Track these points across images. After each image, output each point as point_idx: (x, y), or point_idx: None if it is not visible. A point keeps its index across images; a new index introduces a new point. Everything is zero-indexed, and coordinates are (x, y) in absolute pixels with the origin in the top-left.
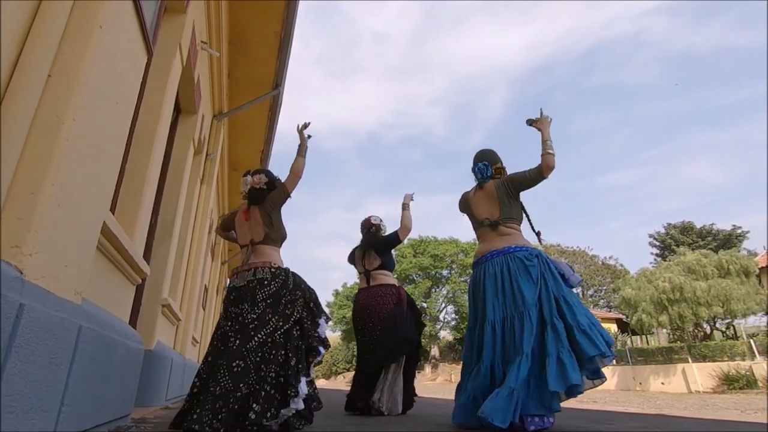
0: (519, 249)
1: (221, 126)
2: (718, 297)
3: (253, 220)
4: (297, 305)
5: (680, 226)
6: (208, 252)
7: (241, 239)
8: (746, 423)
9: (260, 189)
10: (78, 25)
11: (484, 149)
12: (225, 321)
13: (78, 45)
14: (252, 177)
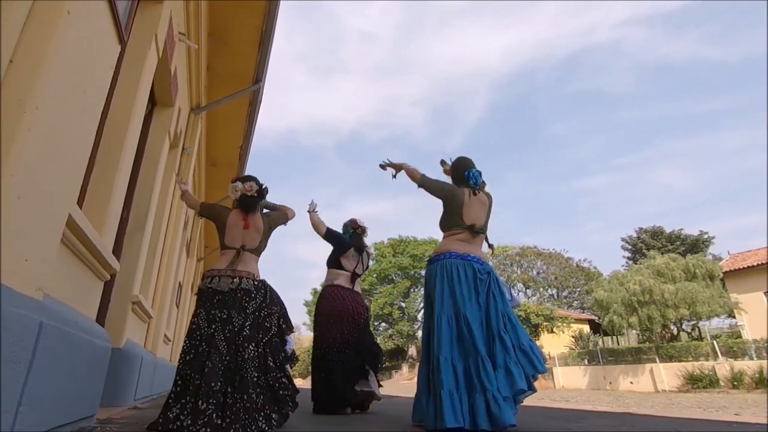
0: (484, 264)
1: (199, 120)
2: (684, 300)
3: (252, 228)
4: (273, 319)
5: (651, 230)
6: (183, 248)
7: (229, 240)
8: (747, 423)
9: (252, 197)
10: (43, 9)
11: (470, 159)
12: (208, 323)
13: (43, 30)
14: (243, 184)
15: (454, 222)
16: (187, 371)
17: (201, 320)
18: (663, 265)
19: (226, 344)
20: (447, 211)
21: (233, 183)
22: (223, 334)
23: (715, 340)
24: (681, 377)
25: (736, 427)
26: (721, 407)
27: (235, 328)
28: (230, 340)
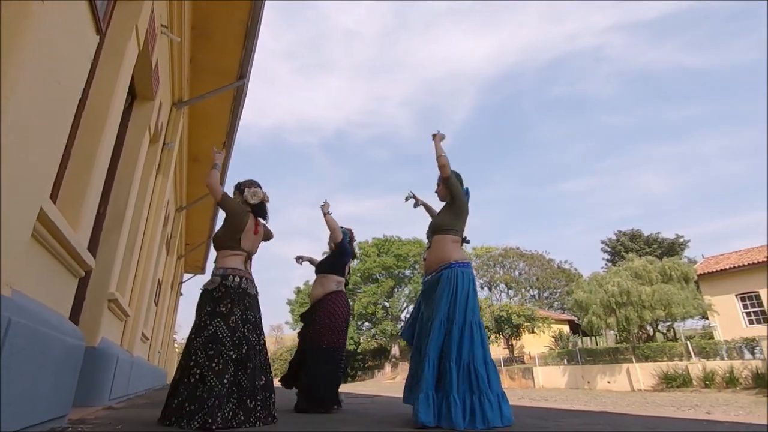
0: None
1: (181, 115)
2: (660, 301)
3: (260, 235)
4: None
5: (630, 233)
6: (163, 245)
7: (244, 243)
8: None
9: (265, 205)
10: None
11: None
12: (242, 323)
13: (14, 18)
14: (263, 192)
15: (462, 232)
16: (214, 367)
17: (234, 319)
18: (640, 268)
19: (256, 343)
20: (462, 221)
21: (253, 188)
22: (254, 336)
23: (688, 340)
24: (656, 377)
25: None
26: (694, 406)
27: (258, 332)
28: (258, 342)
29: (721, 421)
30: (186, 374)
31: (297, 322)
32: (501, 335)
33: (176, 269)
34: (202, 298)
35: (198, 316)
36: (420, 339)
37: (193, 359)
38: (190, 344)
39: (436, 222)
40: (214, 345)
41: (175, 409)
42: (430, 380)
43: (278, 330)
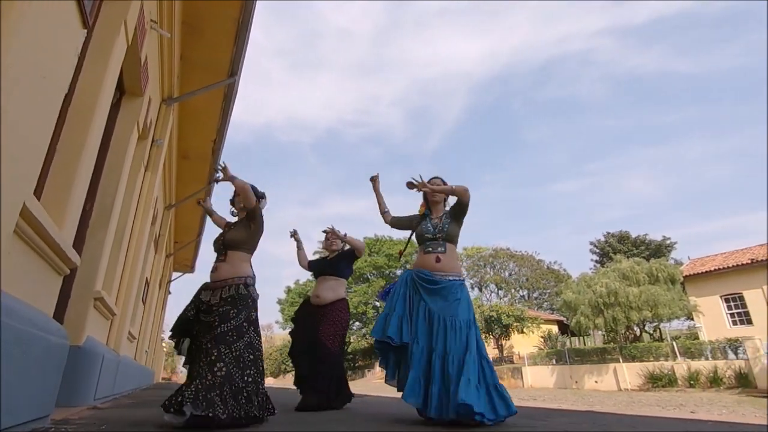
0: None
1: (170, 111)
2: (647, 302)
3: None
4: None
5: (618, 235)
6: (151, 243)
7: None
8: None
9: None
10: None
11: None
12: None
13: None
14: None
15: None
16: (252, 374)
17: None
18: (628, 269)
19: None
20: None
21: (264, 199)
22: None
23: (674, 341)
24: (642, 376)
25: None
26: (679, 405)
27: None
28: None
29: (704, 420)
30: (211, 369)
31: (287, 321)
32: (491, 335)
33: (165, 268)
34: (249, 304)
35: (248, 318)
36: (427, 337)
37: (225, 359)
38: (227, 342)
39: (451, 232)
40: (253, 352)
41: (189, 394)
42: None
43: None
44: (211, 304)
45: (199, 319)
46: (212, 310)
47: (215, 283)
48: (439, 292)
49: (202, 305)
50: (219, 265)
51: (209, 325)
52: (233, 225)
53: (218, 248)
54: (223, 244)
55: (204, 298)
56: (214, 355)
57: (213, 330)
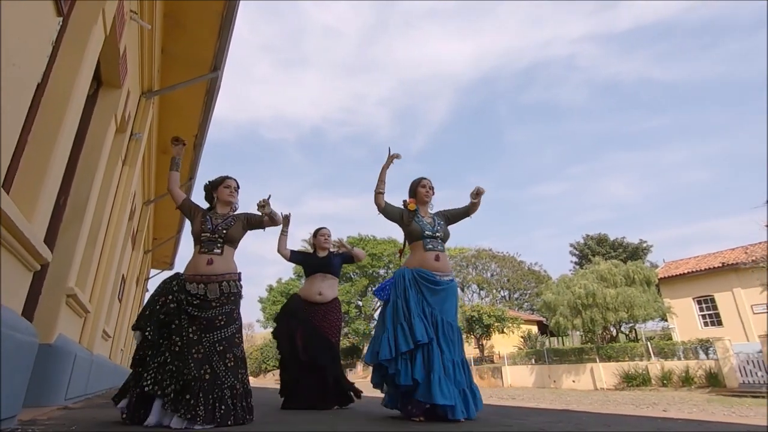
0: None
1: (150, 105)
2: (624, 303)
3: None
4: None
5: (597, 237)
6: (129, 239)
7: None
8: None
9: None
10: None
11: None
12: None
13: None
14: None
15: None
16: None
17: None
18: (606, 271)
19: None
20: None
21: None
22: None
23: (649, 341)
24: (618, 376)
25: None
26: (652, 404)
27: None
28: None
29: (674, 418)
30: (235, 375)
31: (268, 320)
32: (472, 335)
33: (142, 265)
34: (239, 301)
35: (239, 317)
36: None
37: (238, 363)
38: (236, 344)
39: (447, 233)
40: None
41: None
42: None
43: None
44: (209, 299)
45: (186, 311)
46: (210, 306)
47: (210, 277)
48: (440, 293)
49: (192, 299)
50: (215, 258)
51: (211, 323)
52: (229, 220)
53: (213, 240)
54: (223, 238)
55: (193, 290)
56: (233, 361)
57: (220, 331)
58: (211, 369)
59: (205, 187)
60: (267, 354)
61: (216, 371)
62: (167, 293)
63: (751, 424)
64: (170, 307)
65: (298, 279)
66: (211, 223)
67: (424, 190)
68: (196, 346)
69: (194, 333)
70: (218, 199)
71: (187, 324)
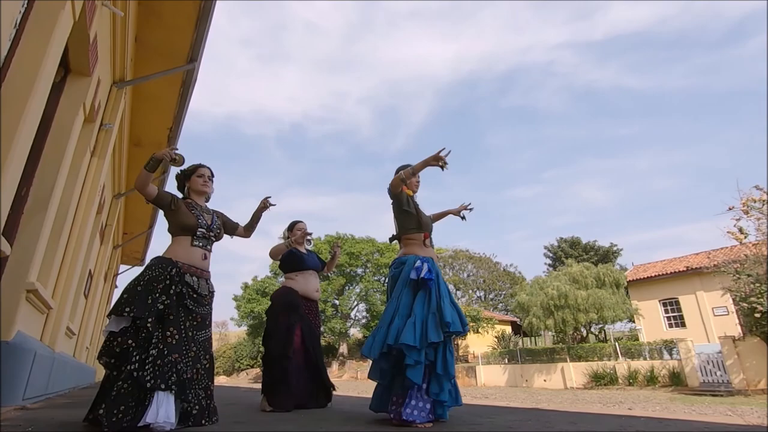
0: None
1: (122, 95)
2: (594, 305)
3: None
4: None
5: (570, 240)
6: (97, 234)
7: None
8: (747, 425)
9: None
10: None
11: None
12: None
13: None
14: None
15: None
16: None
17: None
18: (578, 273)
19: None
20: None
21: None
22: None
23: (617, 342)
24: (587, 375)
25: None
26: (618, 402)
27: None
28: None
29: (638, 416)
30: (209, 377)
31: (244, 318)
32: None
33: (111, 260)
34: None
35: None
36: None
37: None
38: (209, 348)
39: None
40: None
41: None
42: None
43: (223, 326)
44: (202, 294)
45: (185, 304)
46: (203, 303)
47: (204, 272)
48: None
49: (191, 291)
50: (207, 254)
51: (203, 321)
52: (217, 221)
53: (207, 237)
54: (216, 238)
55: (192, 283)
56: (209, 362)
57: (206, 330)
58: (196, 369)
59: (177, 176)
60: (240, 353)
61: (200, 371)
62: (165, 279)
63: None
64: (170, 296)
65: (274, 277)
66: (204, 219)
67: (415, 179)
68: (191, 343)
69: (190, 329)
70: (191, 188)
71: (183, 317)
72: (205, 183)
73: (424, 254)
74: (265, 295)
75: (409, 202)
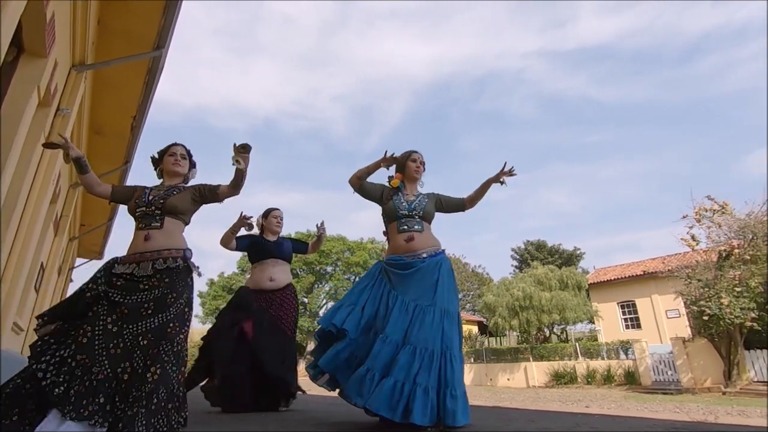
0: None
1: (82, 79)
2: (557, 306)
3: None
4: None
5: (536, 243)
6: (50, 225)
7: None
8: (747, 426)
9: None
10: None
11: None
12: None
13: None
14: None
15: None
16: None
17: None
18: (543, 275)
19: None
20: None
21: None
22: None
23: (577, 342)
24: (548, 374)
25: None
26: (576, 400)
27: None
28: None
29: (593, 414)
30: (144, 374)
31: (208, 315)
32: None
33: (67, 253)
34: (189, 283)
35: (188, 302)
36: (402, 333)
37: (164, 358)
38: (169, 337)
39: (429, 211)
40: (186, 345)
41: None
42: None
43: None
44: (136, 278)
45: (108, 296)
46: (138, 288)
47: (144, 255)
48: (413, 277)
49: (118, 279)
50: (153, 233)
51: (135, 311)
52: (172, 190)
53: (150, 213)
54: (161, 209)
55: (121, 270)
56: (152, 357)
57: (146, 321)
58: (131, 368)
59: (151, 159)
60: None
61: (137, 370)
62: (92, 280)
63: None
64: (89, 293)
65: (242, 273)
66: (147, 196)
67: (414, 165)
68: (115, 339)
69: (113, 323)
70: (164, 170)
71: (105, 312)
72: (176, 162)
73: (393, 247)
74: (232, 291)
75: (382, 193)
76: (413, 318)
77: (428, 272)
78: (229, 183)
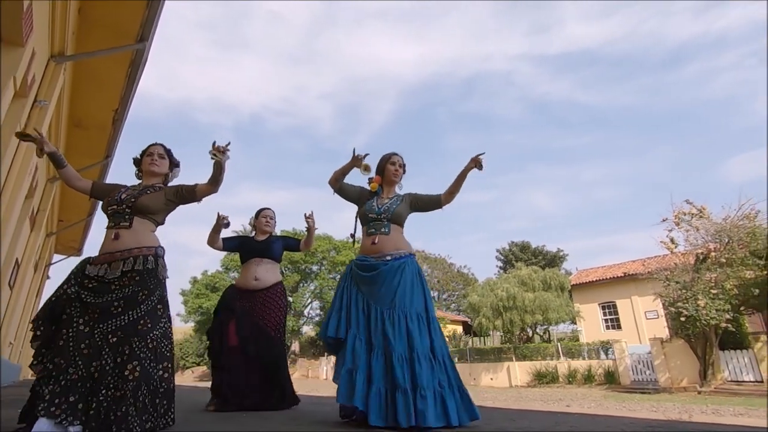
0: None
1: (62, 70)
2: (540, 307)
3: None
4: None
5: (520, 244)
6: (26, 219)
7: None
8: (746, 427)
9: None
10: None
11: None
12: None
13: None
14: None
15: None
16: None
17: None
18: (526, 276)
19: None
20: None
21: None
22: None
23: (559, 342)
24: (531, 374)
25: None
26: (557, 400)
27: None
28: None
29: (572, 413)
30: (121, 372)
31: (191, 314)
32: None
33: (44, 248)
34: (161, 281)
35: (161, 300)
36: (366, 333)
37: (140, 355)
38: (140, 333)
39: (399, 212)
40: (170, 342)
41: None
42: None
43: None
44: (107, 280)
45: (80, 298)
46: (109, 289)
47: (114, 255)
48: (375, 279)
49: (89, 281)
50: (121, 232)
51: (105, 311)
52: (146, 189)
53: (121, 212)
54: (131, 207)
55: (92, 272)
56: (126, 354)
57: (116, 318)
58: (100, 365)
59: (134, 160)
60: (186, 350)
61: (105, 368)
62: (66, 281)
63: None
64: (64, 296)
65: (225, 272)
66: (120, 194)
67: (393, 168)
68: (87, 339)
69: (85, 324)
70: (143, 171)
71: (78, 314)
72: (153, 162)
73: (362, 248)
74: (215, 290)
75: (359, 196)
76: (376, 322)
77: (389, 275)
78: (207, 180)
